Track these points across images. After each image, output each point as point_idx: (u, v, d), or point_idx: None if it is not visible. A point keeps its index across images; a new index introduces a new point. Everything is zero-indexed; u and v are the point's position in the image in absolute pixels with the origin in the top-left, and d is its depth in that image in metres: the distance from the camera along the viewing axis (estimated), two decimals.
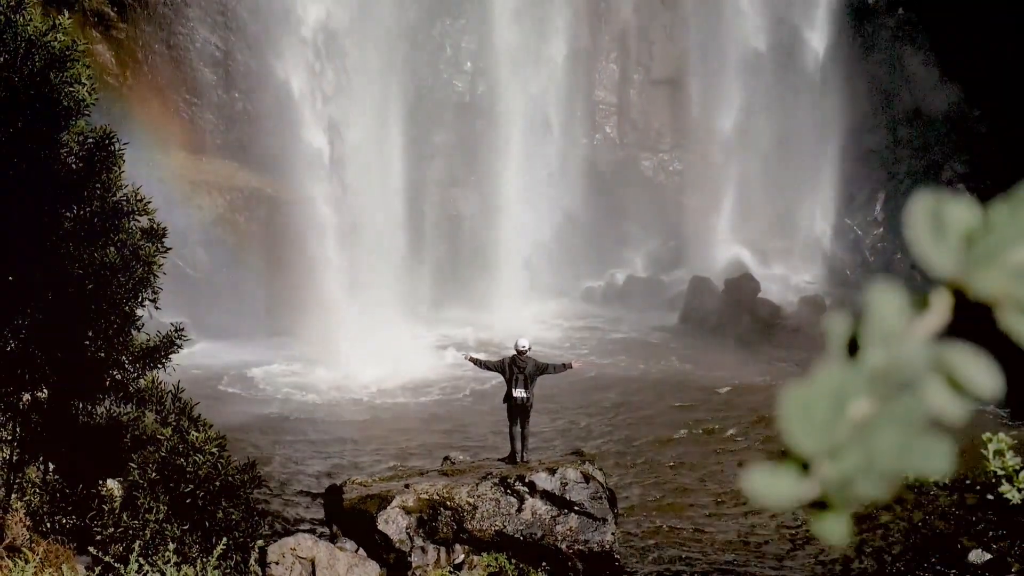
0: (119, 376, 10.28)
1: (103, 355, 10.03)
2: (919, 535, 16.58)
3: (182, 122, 32.95)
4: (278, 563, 12.60)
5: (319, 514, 16.79)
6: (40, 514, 9.98)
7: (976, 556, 14.89)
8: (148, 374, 10.41)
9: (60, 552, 9.70)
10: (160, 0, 32.68)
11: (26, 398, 10.08)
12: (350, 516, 14.70)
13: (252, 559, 10.17)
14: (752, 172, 41.51)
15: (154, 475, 10.00)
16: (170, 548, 9.14)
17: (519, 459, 15.38)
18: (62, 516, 10.04)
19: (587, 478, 14.89)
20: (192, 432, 10.24)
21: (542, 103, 39.76)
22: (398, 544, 14.09)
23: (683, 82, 42.21)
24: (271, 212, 32.83)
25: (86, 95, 9.71)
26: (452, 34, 38.34)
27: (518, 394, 14.99)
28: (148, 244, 10.00)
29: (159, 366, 10.40)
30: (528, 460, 15.52)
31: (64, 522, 10.02)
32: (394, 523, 14.22)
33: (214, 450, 10.21)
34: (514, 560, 14.00)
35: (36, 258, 9.67)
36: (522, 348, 15.01)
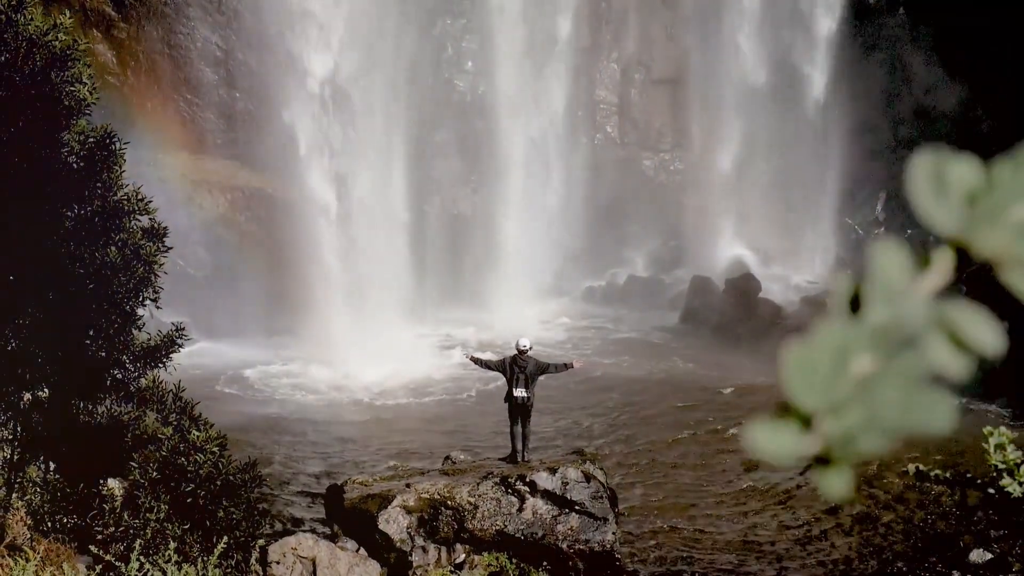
0: (120, 375, 10.28)
1: (104, 354, 10.03)
2: (920, 535, 16.57)
3: (183, 121, 32.95)
4: (279, 562, 12.60)
5: (320, 514, 16.79)
6: (41, 513, 9.98)
7: (977, 555, 14.88)
8: (149, 373, 10.41)
9: (61, 551, 9.70)
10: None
11: (27, 397, 10.08)
12: (351, 516, 14.71)
13: (253, 558, 10.18)
14: (753, 172, 41.50)
15: (155, 474, 10.00)
16: (171, 547, 9.14)
17: (520, 459, 15.38)
18: (63, 515, 10.04)
19: (588, 477, 14.89)
20: (193, 431, 10.24)
21: (543, 103, 39.74)
22: (399, 544, 14.09)
23: (684, 81, 42.20)
24: (272, 212, 32.83)
25: (87, 94, 9.71)
26: (453, 33, 38.37)
27: (519, 393, 14.99)
28: (149, 243, 9.99)
29: (160, 365, 10.40)
30: (529, 460, 15.52)
31: (65, 521, 10.02)
32: (395, 523, 14.22)
33: (215, 449, 10.21)
34: (515, 560, 14.00)
35: (37, 257, 9.67)
36: (523, 348, 15.02)
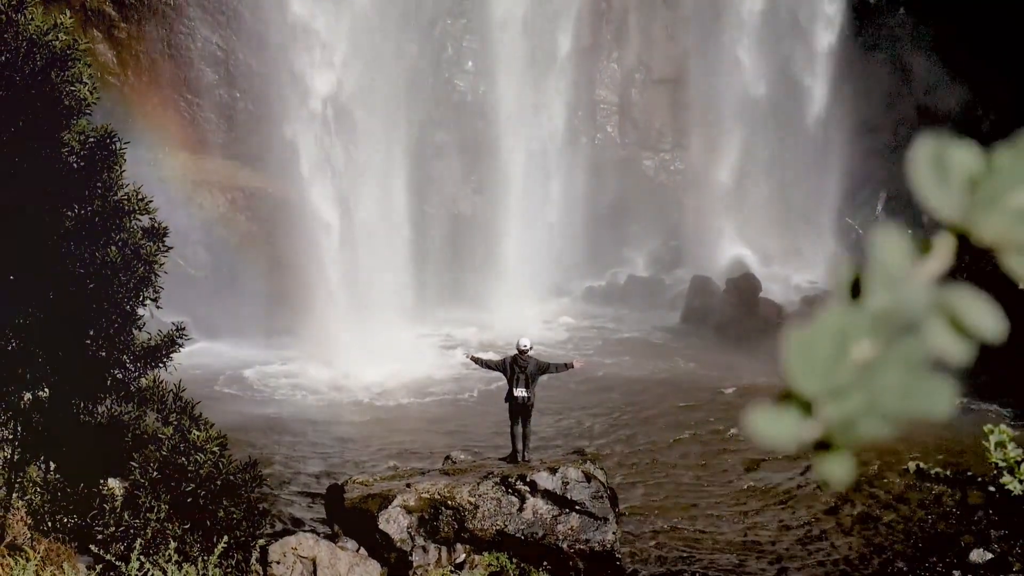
0: (120, 375, 10.28)
1: (104, 354, 10.03)
2: (920, 535, 16.56)
3: (183, 121, 32.93)
4: (279, 562, 12.60)
5: (320, 513, 16.78)
6: (41, 513, 9.98)
7: (978, 555, 14.87)
8: (149, 373, 10.41)
9: (61, 551, 9.70)
10: None
11: (27, 397, 10.08)
12: (351, 515, 14.70)
13: (253, 558, 10.18)
14: (753, 172, 41.48)
15: (155, 474, 10.00)
16: (171, 547, 9.14)
17: (521, 458, 15.38)
18: (63, 515, 10.04)
19: (588, 477, 14.89)
20: (193, 431, 10.24)
21: (544, 103, 39.72)
22: (399, 543, 14.09)
23: (685, 82, 42.16)
24: (273, 211, 32.81)
25: (87, 94, 9.71)
26: (453, 33, 38.36)
27: (519, 393, 15.00)
28: (149, 243, 10.00)
29: (160, 365, 10.40)
30: (529, 459, 15.51)
31: (65, 521, 10.02)
32: (395, 522, 14.22)
33: (215, 449, 10.21)
34: (515, 559, 14.00)
35: (37, 257, 9.67)
36: (523, 347, 15.02)
